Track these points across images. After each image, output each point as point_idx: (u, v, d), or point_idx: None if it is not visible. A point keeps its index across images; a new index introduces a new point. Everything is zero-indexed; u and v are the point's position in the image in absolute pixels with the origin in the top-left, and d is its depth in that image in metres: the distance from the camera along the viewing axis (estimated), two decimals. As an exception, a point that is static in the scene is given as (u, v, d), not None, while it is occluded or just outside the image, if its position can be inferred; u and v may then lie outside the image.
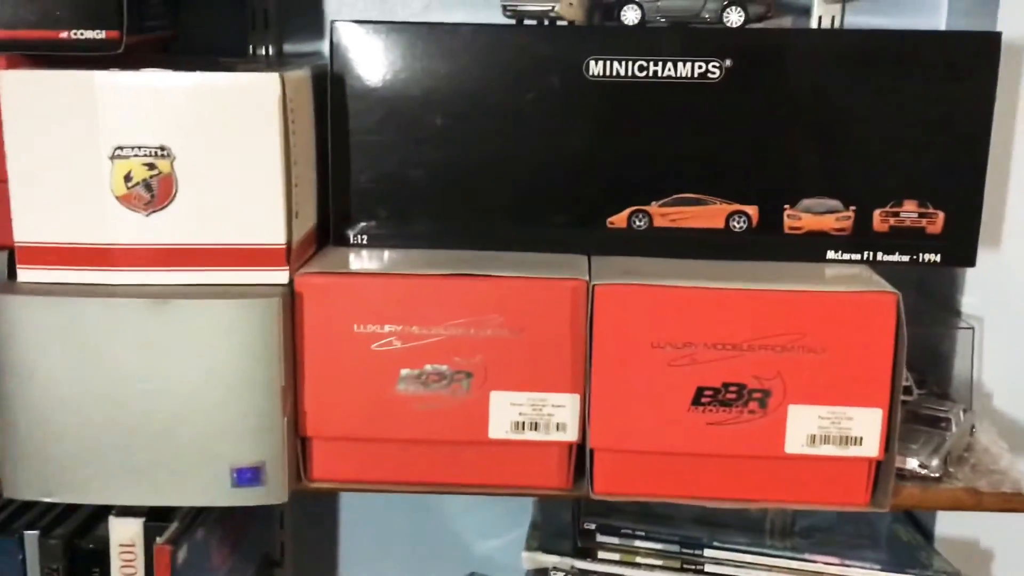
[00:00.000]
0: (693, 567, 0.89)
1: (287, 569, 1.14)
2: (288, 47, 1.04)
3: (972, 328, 0.92)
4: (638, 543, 0.90)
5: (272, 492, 0.76)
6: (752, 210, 0.81)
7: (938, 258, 0.81)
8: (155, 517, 0.85)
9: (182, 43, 0.98)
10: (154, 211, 0.74)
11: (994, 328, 0.94)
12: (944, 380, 0.95)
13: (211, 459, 0.75)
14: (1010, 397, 0.94)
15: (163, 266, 0.75)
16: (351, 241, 0.84)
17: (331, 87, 0.81)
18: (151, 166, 0.73)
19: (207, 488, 0.75)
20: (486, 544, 1.15)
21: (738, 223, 0.81)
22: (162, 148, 0.73)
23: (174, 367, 0.73)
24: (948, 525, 0.97)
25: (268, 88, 0.73)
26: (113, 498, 0.78)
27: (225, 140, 0.73)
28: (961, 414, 0.85)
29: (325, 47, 1.01)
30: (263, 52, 1.03)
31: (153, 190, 0.74)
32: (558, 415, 0.77)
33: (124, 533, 0.85)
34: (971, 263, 0.81)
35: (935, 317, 0.96)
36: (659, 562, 0.90)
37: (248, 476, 0.75)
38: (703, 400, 0.75)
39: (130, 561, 0.85)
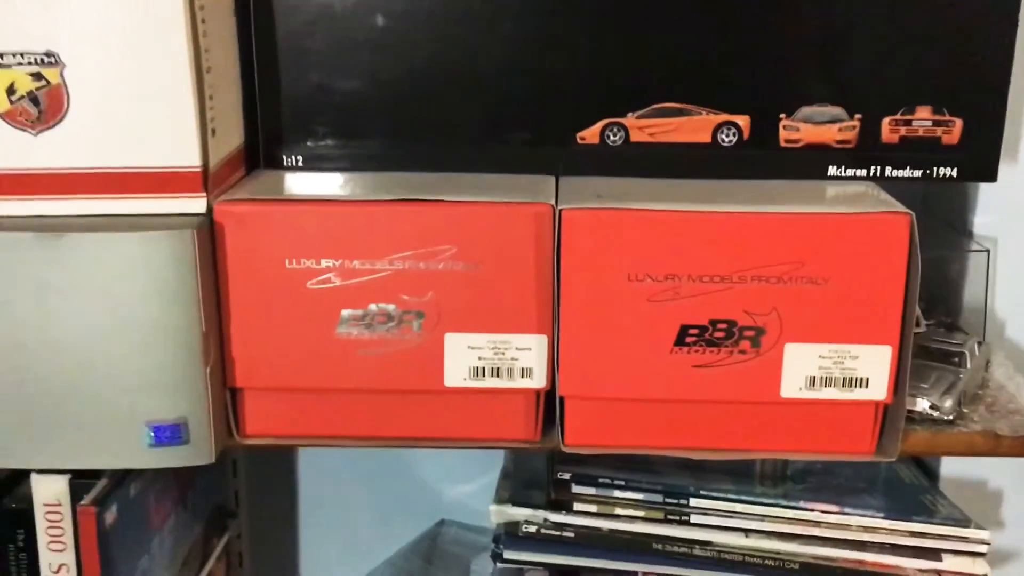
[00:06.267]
0: (678, 518, 0.81)
1: (243, 521, 1.05)
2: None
3: (987, 251, 0.83)
4: (617, 493, 0.82)
5: (197, 451, 0.67)
6: (743, 121, 0.71)
7: (954, 172, 0.72)
8: (83, 472, 0.75)
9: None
10: (43, 129, 0.63)
11: (1008, 250, 0.84)
12: (954, 309, 0.87)
13: (123, 416, 0.66)
14: (1026, 326, 0.86)
15: (57, 194, 0.64)
16: (284, 163, 0.73)
17: (254, -18, 0.70)
18: (37, 76, 0.62)
19: (121, 449, 0.66)
20: (456, 489, 1.08)
21: (727, 136, 0.71)
22: (48, 54, 0.62)
23: (74, 312, 0.64)
24: (954, 464, 0.90)
25: (171, -23, 0.62)
26: (15, 462, 0.69)
27: (123, 42, 0.62)
28: (976, 348, 0.76)
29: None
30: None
31: (41, 105, 0.63)
32: (523, 359, 0.68)
33: (48, 492, 0.75)
34: (992, 178, 0.72)
35: (943, 239, 0.87)
36: (640, 513, 0.81)
37: (168, 434, 0.66)
38: (687, 340, 0.66)
39: (56, 522, 0.76)
